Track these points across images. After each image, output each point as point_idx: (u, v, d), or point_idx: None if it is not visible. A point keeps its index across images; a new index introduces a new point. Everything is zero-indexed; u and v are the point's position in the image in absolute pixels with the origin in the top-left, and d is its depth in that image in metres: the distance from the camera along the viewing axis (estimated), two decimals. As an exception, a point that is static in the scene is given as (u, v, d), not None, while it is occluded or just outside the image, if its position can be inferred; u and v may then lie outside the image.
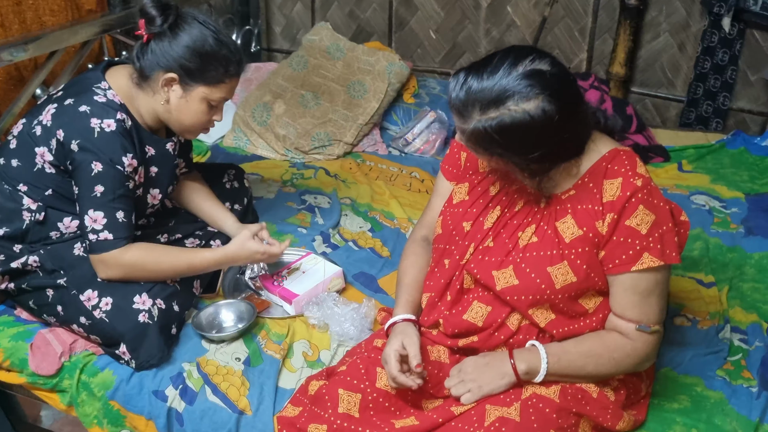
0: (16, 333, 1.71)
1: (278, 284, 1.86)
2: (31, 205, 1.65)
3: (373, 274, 2.03)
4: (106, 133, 1.57)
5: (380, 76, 2.91)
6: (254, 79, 3.08)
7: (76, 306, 1.62)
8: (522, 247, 1.38)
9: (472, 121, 1.21)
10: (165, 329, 1.64)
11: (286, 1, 3.65)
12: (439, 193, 1.60)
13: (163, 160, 1.75)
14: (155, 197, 1.76)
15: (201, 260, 1.73)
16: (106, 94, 1.63)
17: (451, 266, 1.46)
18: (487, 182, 1.48)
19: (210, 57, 1.59)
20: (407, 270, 1.58)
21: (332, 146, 2.76)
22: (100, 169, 1.56)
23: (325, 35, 3.06)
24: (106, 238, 1.58)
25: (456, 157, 1.56)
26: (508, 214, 1.42)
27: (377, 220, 2.32)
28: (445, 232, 1.50)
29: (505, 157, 1.26)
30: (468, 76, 1.22)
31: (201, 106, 1.66)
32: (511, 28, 3.24)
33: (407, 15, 3.42)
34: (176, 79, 1.61)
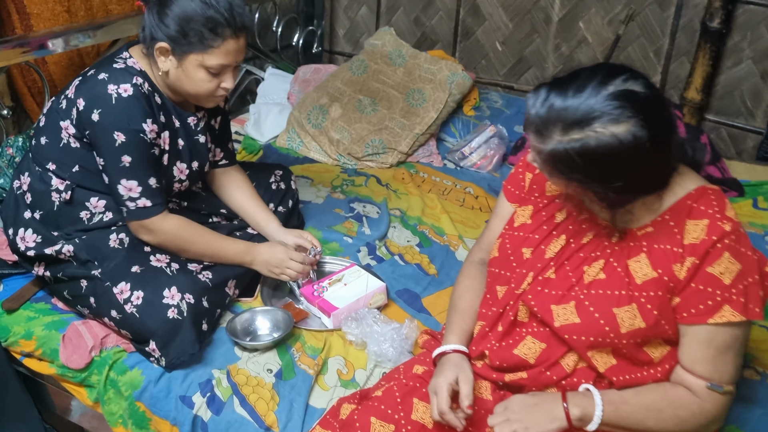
0: (51, 322, 1.69)
1: (318, 295, 1.79)
2: (59, 185, 1.64)
3: (417, 292, 1.93)
4: (123, 98, 1.53)
5: (441, 85, 2.82)
6: (312, 81, 3.02)
7: (108, 298, 1.59)
8: (587, 283, 1.26)
9: (552, 141, 1.11)
10: (196, 325, 1.58)
11: (352, 4, 3.60)
12: (498, 215, 1.50)
13: (187, 133, 1.71)
14: (182, 171, 1.72)
15: (232, 248, 1.74)
16: (126, 62, 1.60)
17: (506, 295, 1.36)
18: (554, 208, 1.37)
19: (194, 21, 1.51)
20: (463, 294, 1.48)
21: (386, 154, 2.68)
22: (123, 140, 1.54)
23: (388, 40, 2.98)
24: (145, 205, 1.59)
25: (520, 178, 1.46)
26: (573, 244, 1.31)
27: (426, 235, 2.22)
28: (501, 256, 1.40)
29: (583, 184, 1.15)
30: (550, 92, 1.11)
31: (199, 74, 1.57)
32: (582, 45, 3.10)
33: (474, 25, 3.33)
34: (168, 49, 1.55)
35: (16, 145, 2.02)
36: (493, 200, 2.48)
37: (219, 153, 1.90)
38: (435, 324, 1.81)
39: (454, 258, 2.12)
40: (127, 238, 1.67)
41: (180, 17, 1.51)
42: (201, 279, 1.66)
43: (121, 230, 1.67)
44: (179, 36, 1.52)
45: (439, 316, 1.84)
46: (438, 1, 3.37)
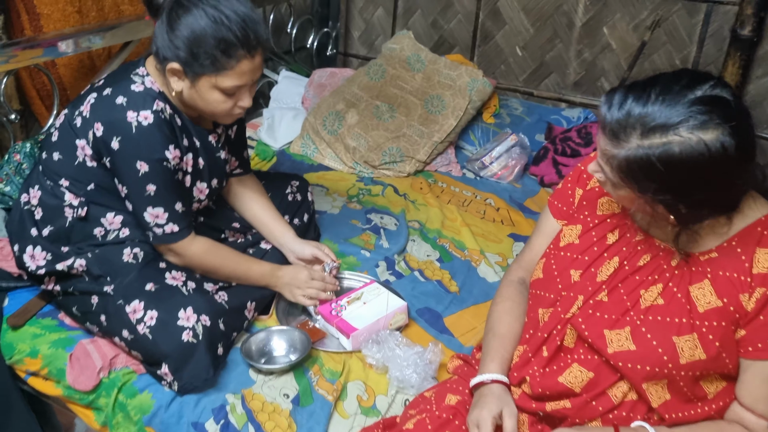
0: (57, 339, 1.61)
1: (336, 314, 1.71)
2: (72, 200, 1.58)
3: (439, 312, 1.85)
4: (143, 127, 1.46)
5: (461, 92, 2.74)
6: (328, 85, 2.94)
7: (120, 317, 1.51)
8: (644, 308, 1.18)
9: (629, 146, 1.04)
10: (211, 349, 1.50)
11: (368, 6, 3.51)
12: (542, 232, 1.42)
13: (208, 152, 1.65)
14: (201, 191, 1.67)
15: (257, 270, 1.70)
16: (144, 81, 1.52)
17: (552, 319, 1.27)
18: (605, 228, 1.29)
19: (205, 43, 1.40)
20: (502, 317, 1.39)
21: (404, 163, 2.59)
22: (147, 170, 1.48)
23: (407, 44, 2.90)
24: (172, 231, 1.55)
25: (568, 194, 1.38)
26: (627, 267, 1.23)
27: (446, 249, 2.14)
28: (546, 277, 1.31)
29: (657, 196, 1.06)
30: (628, 95, 1.05)
31: (214, 95, 1.48)
32: (605, 51, 3.01)
33: (494, 29, 3.24)
34: (180, 70, 1.46)
35: (23, 151, 1.94)
36: (515, 212, 2.40)
37: (234, 162, 1.83)
38: (458, 346, 1.73)
39: (476, 274, 2.04)
40: (141, 252, 1.59)
41: (189, 39, 1.41)
42: (217, 300, 1.59)
43: (136, 245, 1.60)
44: (190, 58, 1.43)
45: (462, 338, 1.76)
46: (457, 4, 3.28)
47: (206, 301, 1.55)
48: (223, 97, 1.49)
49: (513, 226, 2.32)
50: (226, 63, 1.43)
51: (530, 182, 2.64)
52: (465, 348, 1.71)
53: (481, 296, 1.93)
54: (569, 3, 3.02)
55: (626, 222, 1.28)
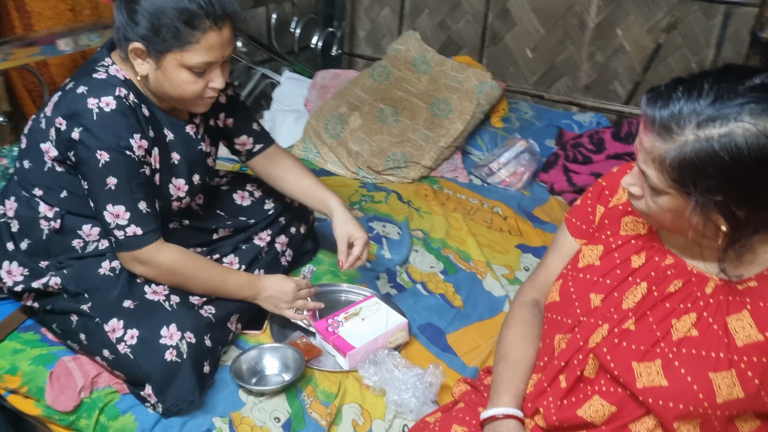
0: (39, 356, 1.52)
1: (333, 330, 1.62)
2: (47, 212, 1.47)
3: (441, 328, 1.76)
4: (105, 113, 1.34)
5: (468, 95, 2.64)
6: (331, 87, 2.85)
7: (99, 337, 1.43)
8: (677, 339, 1.08)
9: (683, 140, 0.94)
10: (197, 367, 1.41)
11: (374, 5, 3.43)
12: (558, 250, 1.32)
13: (186, 145, 1.53)
14: (179, 188, 1.53)
15: (236, 281, 1.57)
16: (108, 70, 1.41)
17: (570, 346, 1.17)
18: (630, 249, 1.19)
19: (166, 15, 1.30)
20: (515, 343, 1.27)
21: (408, 168, 2.50)
22: (107, 159, 1.35)
23: (413, 45, 2.80)
24: (134, 233, 1.40)
25: (589, 211, 1.28)
26: (657, 293, 1.13)
27: (451, 261, 2.05)
28: (563, 301, 1.21)
29: (713, 195, 0.96)
30: (676, 88, 0.96)
31: (181, 75, 1.37)
32: (618, 53, 2.92)
33: (503, 29, 3.15)
34: (143, 49, 1.35)
35: (10, 155, 1.86)
36: (522, 222, 2.30)
37: (248, 140, 1.71)
38: (461, 366, 1.63)
39: (481, 287, 1.94)
40: (116, 263, 1.50)
41: (150, 12, 1.30)
42: (204, 314, 1.49)
43: (114, 257, 1.51)
44: (151, 34, 1.31)
45: (466, 357, 1.67)
46: (465, 4, 3.19)
47: (191, 316, 1.46)
48: (191, 77, 1.37)
49: (521, 236, 2.22)
50: (190, 36, 1.32)
51: (539, 190, 2.54)
52: (469, 368, 1.62)
53: (487, 312, 1.83)
54: (581, 3, 2.92)
55: (654, 244, 1.17)
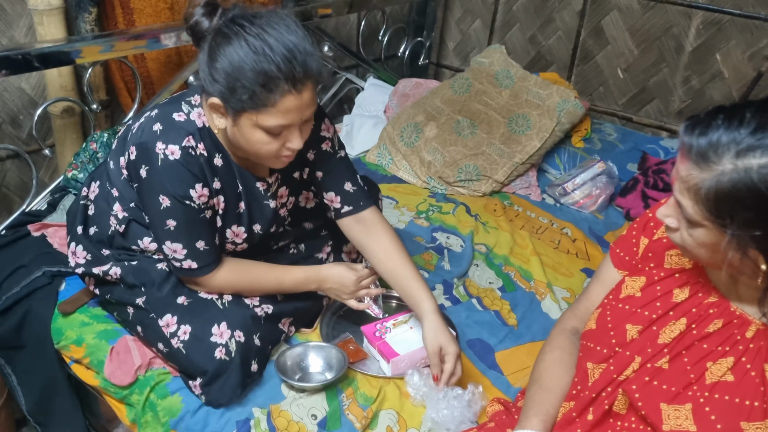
0: (103, 331, 1.63)
1: (380, 336, 1.63)
2: (119, 212, 1.53)
3: (491, 345, 1.74)
4: (168, 162, 1.36)
5: (549, 112, 2.59)
6: (411, 95, 2.87)
7: (155, 330, 1.50)
8: (710, 383, 1.03)
9: (721, 169, 0.90)
10: (244, 365, 1.46)
11: (465, 16, 3.43)
12: (601, 281, 1.29)
13: (254, 199, 1.52)
14: (237, 235, 1.53)
15: (292, 280, 1.58)
16: (191, 112, 1.40)
17: (603, 378, 1.14)
18: (673, 283, 1.14)
19: (244, 76, 1.24)
20: (551, 368, 1.26)
21: (479, 182, 2.48)
22: (169, 204, 1.38)
23: (497, 59, 2.78)
24: (190, 267, 1.46)
25: (632, 242, 1.24)
26: (696, 332, 1.08)
27: (511, 278, 2.02)
28: (599, 329, 1.18)
29: (751, 230, 0.91)
30: (716, 116, 0.92)
31: (256, 135, 1.32)
32: (715, 80, 2.77)
33: (595, 48, 3.06)
34: (221, 105, 1.31)
35: (101, 140, 2.00)
36: (592, 246, 2.23)
37: (335, 197, 1.62)
38: (506, 385, 1.61)
39: (539, 309, 1.90)
40: None
41: (227, 72, 1.25)
42: (258, 313, 1.54)
43: None
44: (228, 93, 1.27)
45: (512, 377, 1.64)
46: (558, 20, 3.13)
47: (242, 315, 1.50)
48: (267, 138, 1.32)
49: (588, 260, 2.16)
50: (266, 99, 1.26)
51: (615, 214, 2.46)
52: (513, 388, 1.59)
53: (540, 333, 1.79)
54: (680, 25, 2.80)
55: (699, 279, 1.12)
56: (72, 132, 2.19)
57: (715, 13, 2.70)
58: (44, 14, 2.00)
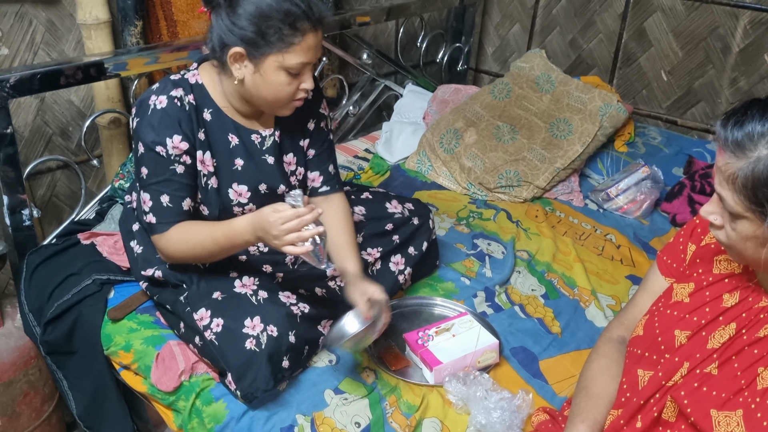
0: (150, 336, 1.66)
1: (423, 343, 1.63)
2: None
3: (535, 353, 1.71)
4: (156, 110, 1.46)
5: (591, 116, 2.55)
6: (450, 102, 2.87)
7: (191, 325, 1.54)
8: (761, 389, 1.01)
9: (756, 155, 0.92)
10: (273, 359, 1.45)
11: (504, 21, 3.40)
12: (648, 289, 1.29)
13: (249, 152, 1.58)
14: (241, 194, 1.58)
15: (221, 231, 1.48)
16: (186, 74, 1.53)
17: (650, 384, 1.12)
18: (722, 287, 1.12)
19: (270, 18, 1.37)
20: (597, 376, 1.25)
21: (521, 188, 2.46)
22: (142, 151, 1.48)
23: (537, 64, 2.76)
24: (150, 221, 1.52)
25: (680, 249, 1.23)
26: (746, 337, 1.06)
27: (554, 285, 1.99)
28: (647, 335, 1.17)
29: None
30: (750, 109, 0.95)
31: (279, 77, 1.44)
32: (765, 81, 2.70)
33: (638, 50, 3.01)
34: (243, 53, 1.42)
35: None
36: (637, 252, 2.19)
37: (317, 177, 1.72)
38: (551, 394, 1.58)
39: (583, 316, 1.87)
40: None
41: (255, 15, 1.37)
42: (294, 311, 1.55)
43: None
44: (256, 36, 1.39)
45: (556, 386, 1.61)
46: (599, 23, 3.09)
47: (277, 312, 1.50)
48: (288, 78, 1.44)
49: (633, 266, 2.12)
50: (293, 37, 1.39)
51: (660, 220, 2.41)
52: (558, 397, 1.57)
53: (585, 341, 1.76)
54: (726, 26, 2.74)
55: (749, 284, 1.10)
56: (119, 142, 2.24)
57: (764, 12, 2.63)
58: (92, 28, 2.06)
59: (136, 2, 2.13)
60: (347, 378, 1.57)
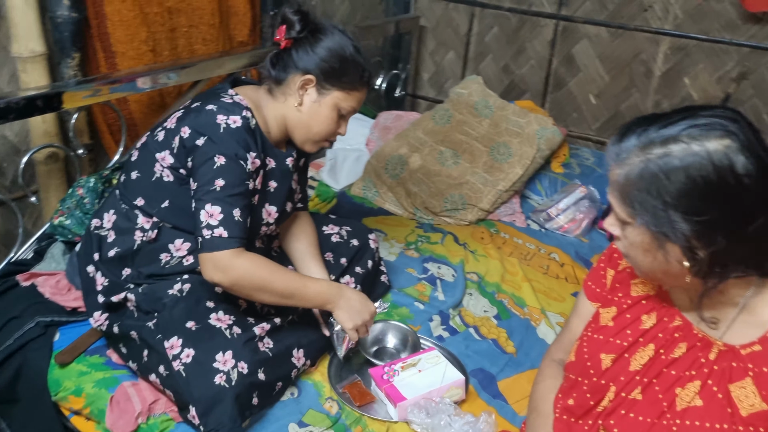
0: (102, 379, 1.59)
1: (388, 378, 1.62)
2: (144, 223, 1.59)
3: (493, 374, 1.75)
4: (231, 128, 1.50)
5: (529, 140, 2.65)
6: (393, 128, 2.91)
7: (158, 352, 1.48)
8: (681, 410, 1.05)
9: (630, 162, 0.98)
10: (242, 397, 1.43)
11: (439, 48, 3.49)
12: (578, 314, 1.33)
13: (282, 175, 1.66)
14: (270, 214, 1.65)
15: (315, 285, 1.60)
16: (233, 98, 1.58)
17: (580, 407, 1.17)
18: (641, 309, 1.18)
19: (349, 61, 1.57)
20: (546, 396, 1.30)
21: (465, 211, 2.51)
22: (223, 163, 1.47)
23: (475, 90, 2.84)
24: (220, 235, 1.46)
25: (601, 274, 1.28)
26: (664, 357, 1.10)
27: (505, 306, 2.04)
28: (578, 360, 1.21)
29: (658, 218, 0.97)
30: (630, 125, 1.01)
31: (332, 114, 1.61)
32: (685, 102, 2.87)
33: (567, 76, 3.15)
34: (313, 81, 1.58)
35: (87, 185, 1.97)
36: (580, 269, 2.27)
37: (297, 194, 1.83)
38: (511, 414, 1.62)
39: (535, 335, 1.92)
40: (187, 286, 1.57)
41: (335, 53, 1.56)
42: (261, 348, 1.53)
43: (186, 281, 1.58)
44: (334, 70, 1.56)
45: (516, 405, 1.65)
46: (530, 49, 3.22)
47: (250, 349, 1.49)
48: (336, 118, 1.61)
49: (577, 284, 2.19)
50: (359, 84, 1.60)
51: (599, 237, 2.51)
52: (519, 417, 1.60)
53: (539, 360, 1.76)
54: (648, 51, 2.90)
55: (663, 304, 1.16)
56: (56, 178, 2.16)
57: (682, 38, 2.81)
58: (27, 61, 1.98)
59: (73, 34, 2.07)
60: (310, 410, 1.56)
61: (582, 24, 3.02)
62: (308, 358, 1.64)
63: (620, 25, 2.93)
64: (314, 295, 1.59)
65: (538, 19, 3.14)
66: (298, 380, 1.63)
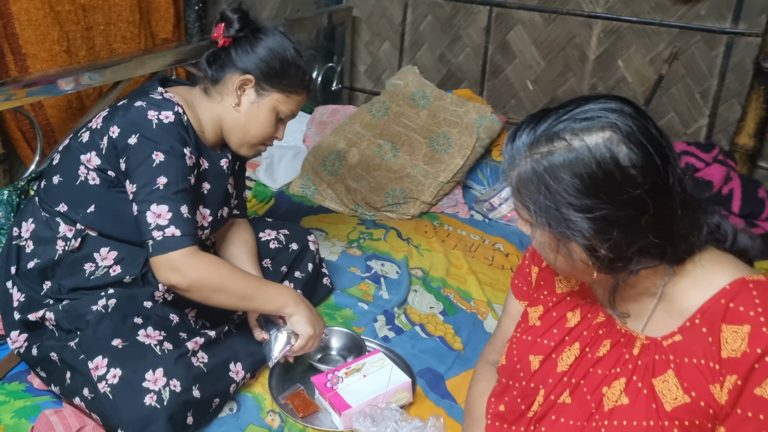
0: (22, 408, 1.47)
1: (331, 386, 1.54)
2: (67, 232, 1.49)
3: (441, 372, 1.70)
4: (164, 123, 1.42)
5: (468, 129, 2.61)
6: (329, 123, 2.83)
7: (82, 374, 1.37)
8: (608, 410, 1.01)
9: (520, 163, 0.95)
10: (176, 418, 1.34)
11: (374, 39, 3.42)
12: (508, 314, 1.29)
13: (217, 177, 1.59)
14: (204, 217, 1.57)
15: (274, 287, 1.56)
16: (163, 94, 1.50)
17: (511, 412, 1.14)
18: (565, 306, 1.14)
19: (290, 63, 1.54)
20: (478, 399, 1.26)
21: (407, 204, 2.46)
22: (162, 159, 1.40)
23: (411, 80, 2.78)
24: (173, 234, 1.37)
25: (527, 272, 1.24)
26: (590, 355, 1.07)
27: (451, 301, 1.99)
28: (509, 363, 1.17)
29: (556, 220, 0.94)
30: (521, 125, 0.98)
31: (270, 116, 1.56)
32: (620, 85, 2.88)
33: (503, 62, 3.12)
34: (252, 81, 1.53)
35: (0, 198, 1.84)
36: (525, 258, 2.25)
37: (233, 200, 1.74)
38: (460, 414, 1.56)
39: (482, 329, 1.89)
40: (113, 302, 1.46)
41: (275, 54, 1.52)
42: (195, 363, 1.44)
43: (112, 297, 1.47)
44: (273, 72, 1.52)
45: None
46: (465, 38, 3.17)
47: (183, 365, 1.40)
48: (274, 121, 1.57)
49: (523, 274, 2.16)
50: (299, 88, 1.57)
51: (542, 225, 2.49)
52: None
53: (488, 355, 1.77)
54: (581, 36, 2.90)
55: (587, 300, 1.12)
56: (-35, 190, 2.01)
57: (614, 21, 2.81)
58: (-76, 67, 1.83)
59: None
60: (251, 425, 1.48)
61: (515, 9, 2.99)
62: (248, 371, 1.56)
63: (553, 10, 2.91)
64: (273, 297, 1.52)
65: (471, 6, 3.10)
66: (237, 394, 1.55)
